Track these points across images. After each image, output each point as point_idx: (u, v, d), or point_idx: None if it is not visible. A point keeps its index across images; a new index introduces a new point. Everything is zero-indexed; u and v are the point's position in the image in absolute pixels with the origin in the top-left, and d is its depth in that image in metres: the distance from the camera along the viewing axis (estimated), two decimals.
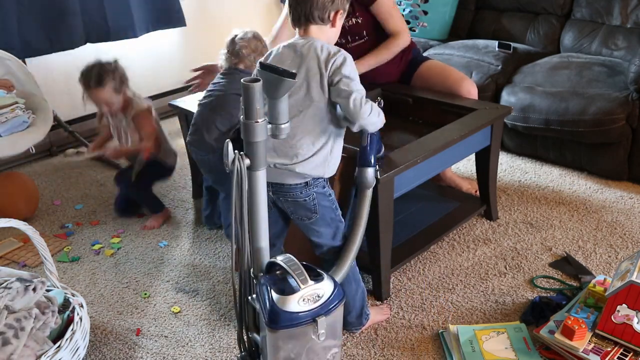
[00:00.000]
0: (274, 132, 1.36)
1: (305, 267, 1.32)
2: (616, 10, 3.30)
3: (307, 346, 1.31)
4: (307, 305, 1.27)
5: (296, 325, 1.27)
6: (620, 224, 2.54)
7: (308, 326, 1.28)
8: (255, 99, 1.27)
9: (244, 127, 1.32)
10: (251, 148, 1.33)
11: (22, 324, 1.68)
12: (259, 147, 1.33)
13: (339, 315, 1.35)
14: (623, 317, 1.73)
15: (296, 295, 1.26)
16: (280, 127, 1.35)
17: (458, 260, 2.36)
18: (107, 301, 2.26)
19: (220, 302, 2.20)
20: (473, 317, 2.05)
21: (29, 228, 1.85)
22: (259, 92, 1.27)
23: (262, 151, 1.34)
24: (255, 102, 1.28)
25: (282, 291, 1.28)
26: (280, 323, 1.27)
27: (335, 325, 1.35)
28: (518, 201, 2.77)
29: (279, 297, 1.27)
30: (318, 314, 1.28)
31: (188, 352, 1.98)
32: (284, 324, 1.27)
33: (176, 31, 4.04)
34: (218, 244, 2.59)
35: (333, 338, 1.36)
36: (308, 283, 1.28)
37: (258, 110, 1.28)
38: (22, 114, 2.70)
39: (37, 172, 3.36)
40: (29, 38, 3.18)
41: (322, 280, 1.31)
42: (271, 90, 1.32)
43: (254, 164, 1.34)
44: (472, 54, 3.32)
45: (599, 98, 2.76)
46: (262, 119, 1.30)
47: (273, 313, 1.27)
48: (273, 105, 1.34)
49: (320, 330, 1.28)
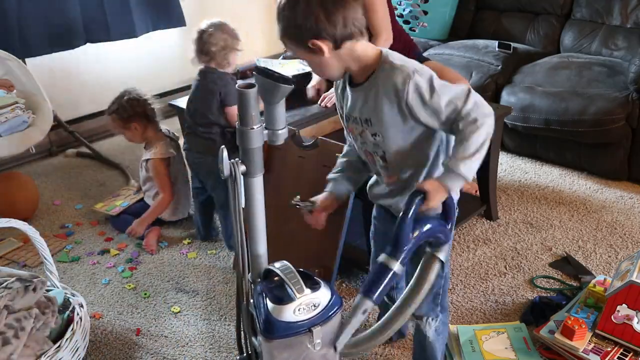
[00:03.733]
0: (271, 138, 1.33)
1: (302, 275, 1.29)
2: (616, 10, 3.30)
3: (303, 355, 1.28)
4: (302, 314, 1.24)
5: (291, 335, 1.24)
6: (620, 224, 2.54)
7: (304, 336, 1.25)
8: (250, 105, 1.25)
9: (239, 133, 1.29)
10: (247, 155, 1.30)
11: (22, 324, 1.68)
12: (255, 154, 1.31)
13: (336, 323, 1.31)
14: (623, 317, 1.73)
15: (291, 305, 1.24)
16: (277, 133, 1.33)
17: (458, 260, 2.36)
18: (107, 301, 2.26)
19: (220, 302, 2.20)
20: (473, 317, 2.05)
21: (29, 228, 1.85)
22: (253, 98, 1.25)
23: (259, 158, 1.32)
24: (250, 109, 1.26)
25: (277, 300, 1.26)
26: (275, 333, 1.24)
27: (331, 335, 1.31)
28: (518, 201, 2.77)
29: (274, 307, 1.25)
30: (314, 324, 1.25)
31: (188, 352, 1.98)
32: (279, 333, 1.24)
33: (176, 31, 4.04)
34: (218, 244, 2.58)
35: (330, 347, 1.32)
36: (304, 292, 1.25)
37: (253, 116, 1.26)
38: (22, 114, 2.70)
39: (37, 172, 3.35)
40: (29, 38, 3.18)
41: (319, 289, 1.28)
42: (267, 95, 1.29)
43: (250, 170, 1.32)
44: (472, 54, 3.32)
45: (599, 98, 2.76)
46: (257, 125, 1.28)
47: (268, 322, 1.25)
48: (269, 110, 1.31)
49: (316, 340, 1.26)
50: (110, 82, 3.35)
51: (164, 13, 3.77)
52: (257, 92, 1.26)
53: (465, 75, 3.16)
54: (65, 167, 3.43)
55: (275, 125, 1.31)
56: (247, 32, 4.59)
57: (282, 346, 1.26)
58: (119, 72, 3.74)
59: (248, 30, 4.61)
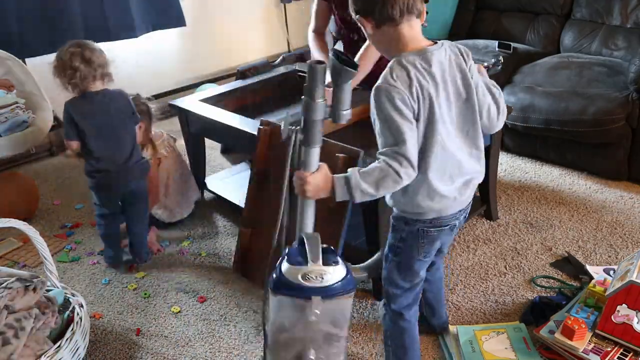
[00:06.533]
0: (335, 117, 1.41)
1: (327, 250, 1.36)
2: (616, 10, 3.30)
3: (303, 322, 1.34)
4: (308, 281, 1.31)
5: (291, 296, 1.33)
6: (620, 224, 2.54)
7: (304, 301, 1.32)
8: (317, 79, 1.34)
9: (305, 104, 1.38)
10: (307, 125, 1.39)
11: (22, 324, 1.68)
12: (314, 125, 1.39)
13: (343, 306, 1.36)
14: (623, 317, 1.73)
15: (301, 269, 1.31)
16: (340, 113, 1.40)
17: (458, 260, 2.36)
18: (107, 301, 2.26)
19: (220, 302, 2.20)
20: (473, 317, 2.05)
21: (29, 228, 1.85)
22: (320, 73, 1.34)
23: (317, 130, 1.39)
24: (316, 83, 1.34)
25: (293, 262, 1.34)
26: (279, 288, 1.33)
27: (338, 315, 1.37)
28: (518, 201, 2.77)
29: (287, 266, 1.33)
30: (314, 293, 1.31)
31: (188, 352, 1.98)
32: (282, 290, 1.33)
33: (176, 31, 4.04)
34: (218, 243, 2.58)
35: (335, 326, 1.38)
36: (317, 262, 1.31)
37: (318, 90, 1.35)
38: (22, 114, 2.70)
39: (37, 172, 3.36)
40: (29, 38, 3.18)
41: (334, 266, 1.33)
42: (335, 76, 1.36)
43: (307, 140, 1.40)
44: (472, 54, 3.31)
45: (599, 98, 2.76)
46: (320, 99, 1.36)
47: (277, 277, 1.34)
48: (336, 91, 1.39)
49: (314, 309, 1.31)
50: None
51: (164, 13, 3.78)
52: (325, 69, 1.35)
53: None
54: (65, 167, 3.43)
55: (339, 106, 1.39)
56: (247, 32, 4.64)
57: (284, 304, 1.34)
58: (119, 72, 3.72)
59: (248, 30, 4.64)
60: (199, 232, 2.69)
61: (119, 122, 2.27)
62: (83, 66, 2.17)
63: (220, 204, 2.91)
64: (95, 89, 2.23)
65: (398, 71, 1.35)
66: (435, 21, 3.76)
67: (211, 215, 2.83)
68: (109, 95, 2.26)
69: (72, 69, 2.16)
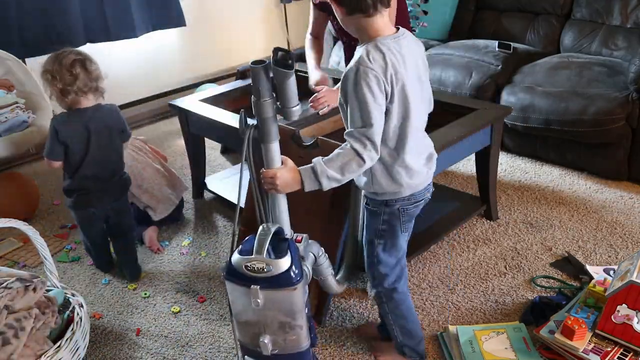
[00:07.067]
0: (285, 115, 1.46)
1: (280, 242, 1.43)
2: (616, 10, 3.30)
3: (251, 308, 1.42)
4: (250, 271, 1.38)
5: (234, 283, 1.42)
6: (620, 224, 2.54)
7: (246, 289, 1.40)
8: (261, 79, 1.39)
9: (255, 104, 1.44)
10: (260, 123, 1.45)
11: (22, 324, 1.68)
12: (266, 123, 1.44)
13: (289, 297, 1.41)
14: (623, 317, 1.73)
15: (244, 259, 1.38)
16: (289, 110, 1.44)
17: (458, 260, 2.36)
18: (107, 301, 2.26)
19: (220, 302, 2.20)
20: (473, 317, 2.05)
21: (29, 228, 1.85)
22: (262, 74, 1.39)
23: (270, 126, 1.45)
24: (261, 83, 1.39)
25: (242, 251, 1.41)
26: (228, 274, 1.43)
27: (286, 305, 1.43)
28: (518, 201, 2.77)
29: (236, 255, 1.41)
30: (252, 282, 1.39)
31: (188, 352, 1.98)
32: (229, 277, 1.43)
33: (176, 31, 4.04)
34: (218, 243, 2.59)
35: (286, 315, 1.44)
36: (261, 254, 1.37)
37: (263, 90, 1.41)
38: (22, 114, 2.70)
39: (37, 172, 3.36)
40: (29, 38, 3.18)
41: (279, 259, 1.39)
42: (276, 75, 1.40)
43: (263, 137, 1.46)
44: (472, 54, 3.32)
45: (599, 98, 2.76)
46: (267, 98, 1.41)
47: (227, 264, 1.43)
48: (280, 90, 1.42)
49: (255, 298, 1.39)
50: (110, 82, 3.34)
51: (164, 13, 3.78)
52: (267, 70, 1.39)
53: (465, 75, 3.16)
54: None
55: (287, 104, 1.43)
56: (247, 32, 4.64)
57: (233, 290, 1.44)
58: (119, 72, 3.74)
59: (248, 30, 4.64)
60: (199, 232, 2.69)
61: (108, 141, 2.21)
62: (83, 74, 2.10)
63: (220, 204, 2.91)
64: (87, 103, 2.15)
65: (375, 54, 1.40)
66: (435, 21, 3.76)
67: (211, 215, 2.84)
68: (100, 110, 2.19)
69: (73, 75, 2.08)
